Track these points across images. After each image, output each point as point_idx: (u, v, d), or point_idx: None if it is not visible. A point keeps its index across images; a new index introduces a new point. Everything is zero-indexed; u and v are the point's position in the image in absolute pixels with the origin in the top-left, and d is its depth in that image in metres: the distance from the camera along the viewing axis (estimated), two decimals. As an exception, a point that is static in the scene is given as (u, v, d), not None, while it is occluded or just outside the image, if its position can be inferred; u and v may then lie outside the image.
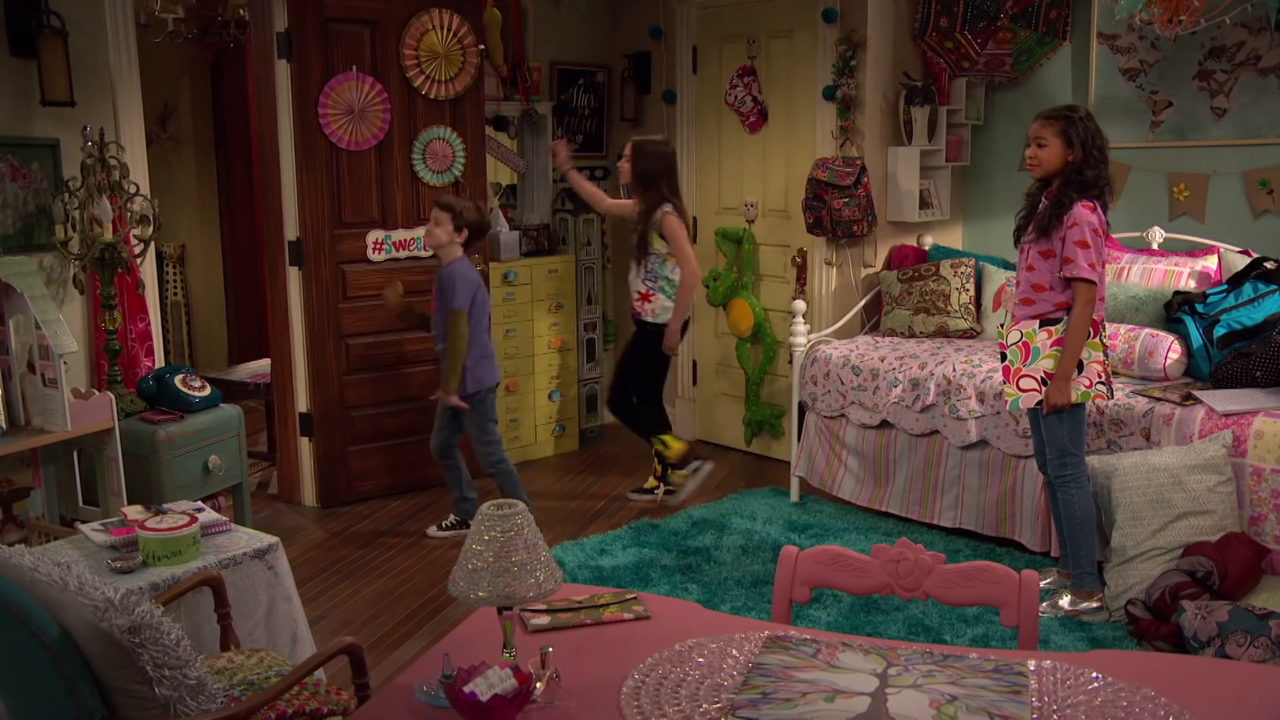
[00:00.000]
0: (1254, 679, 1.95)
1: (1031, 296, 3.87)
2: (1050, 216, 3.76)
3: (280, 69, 4.79)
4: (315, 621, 4.02)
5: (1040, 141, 3.78)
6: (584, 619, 2.13)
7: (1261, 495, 3.93)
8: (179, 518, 3.09)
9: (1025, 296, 3.90)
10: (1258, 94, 4.84)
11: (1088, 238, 3.73)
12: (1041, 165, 3.80)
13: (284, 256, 5.00)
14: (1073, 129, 3.73)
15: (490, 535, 1.82)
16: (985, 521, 4.63)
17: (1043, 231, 3.78)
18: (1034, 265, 3.84)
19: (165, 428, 3.97)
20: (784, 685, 1.79)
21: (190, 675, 2.17)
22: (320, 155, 4.93)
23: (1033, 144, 3.81)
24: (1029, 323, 3.88)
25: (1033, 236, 3.84)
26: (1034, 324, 3.87)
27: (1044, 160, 3.79)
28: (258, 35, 4.86)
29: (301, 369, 5.10)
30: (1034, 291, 3.86)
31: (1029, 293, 3.89)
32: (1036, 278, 3.85)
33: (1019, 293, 3.94)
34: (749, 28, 5.87)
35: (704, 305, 6.27)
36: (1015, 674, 1.84)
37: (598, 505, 5.38)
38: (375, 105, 5.06)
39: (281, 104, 4.81)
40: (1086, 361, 3.84)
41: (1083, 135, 3.73)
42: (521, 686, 1.78)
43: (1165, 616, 3.73)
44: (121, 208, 3.93)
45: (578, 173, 5.60)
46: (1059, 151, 3.75)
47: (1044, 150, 3.77)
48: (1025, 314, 3.89)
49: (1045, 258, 3.81)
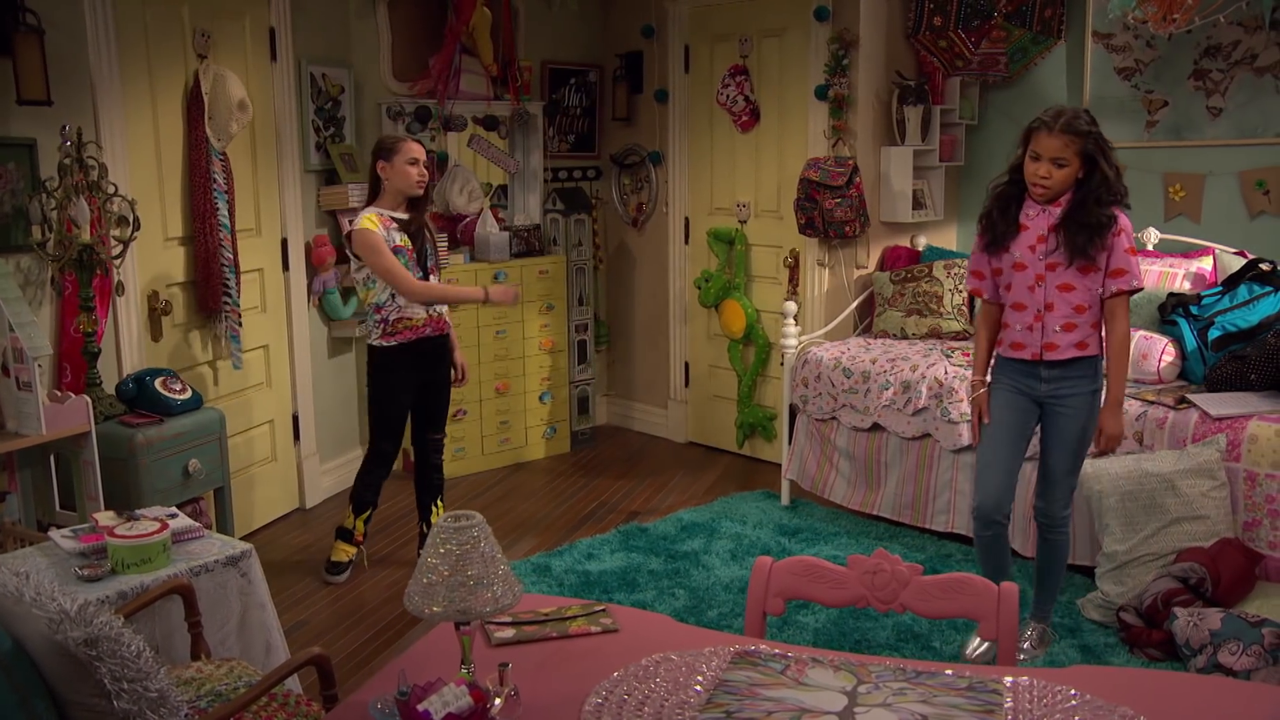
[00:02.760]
0: (1234, 695, 1.90)
1: (1074, 320, 3.44)
2: (1092, 236, 3.33)
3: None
4: (297, 628, 3.98)
5: (1061, 161, 3.32)
6: (549, 632, 2.08)
7: (1256, 500, 3.87)
8: (150, 524, 3.03)
9: (1068, 321, 3.44)
10: (1254, 93, 4.78)
11: (1133, 244, 3.43)
12: (1054, 188, 3.37)
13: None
14: (1095, 145, 3.33)
15: (446, 549, 1.77)
16: (977, 526, 4.56)
17: (1081, 251, 3.35)
18: (1073, 284, 3.40)
19: (144, 431, 3.91)
20: (749, 704, 1.74)
21: (151, 688, 2.12)
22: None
23: (1047, 162, 3.34)
24: (1073, 350, 3.46)
25: (1063, 256, 3.39)
26: (1081, 354, 3.47)
27: (1060, 182, 3.36)
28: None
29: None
30: (1076, 314, 3.43)
31: (1071, 316, 3.43)
32: (1078, 298, 3.42)
33: (1054, 318, 3.44)
34: (741, 26, 5.81)
35: (696, 307, 6.22)
36: (990, 692, 1.78)
37: (587, 508, 5.33)
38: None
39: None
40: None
41: (1105, 149, 3.35)
42: (477, 704, 1.72)
43: (1157, 623, 3.68)
44: (100, 208, 3.88)
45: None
46: (1075, 171, 3.35)
47: (1063, 171, 3.34)
48: (1069, 342, 3.45)
49: (1085, 273, 3.40)
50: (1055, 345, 3.46)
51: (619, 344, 6.83)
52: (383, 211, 4.24)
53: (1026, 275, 3.47)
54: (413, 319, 4.28)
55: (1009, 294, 3.53)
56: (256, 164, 4.94)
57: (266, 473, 5.13)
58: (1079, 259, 3.37)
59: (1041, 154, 3.34)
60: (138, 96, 4.30)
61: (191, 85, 4.52)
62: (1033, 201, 3.45)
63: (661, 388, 6.58)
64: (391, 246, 4.18)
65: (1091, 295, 3.42)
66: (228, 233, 4.62)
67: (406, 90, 5.66)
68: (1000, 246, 3.51)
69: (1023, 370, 3.54)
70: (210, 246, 4.56)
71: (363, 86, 5.53)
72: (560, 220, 6.25)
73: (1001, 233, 3.50)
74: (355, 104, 5.47)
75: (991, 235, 3.54)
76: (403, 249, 4.22)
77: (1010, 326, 3.55)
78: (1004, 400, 3.59)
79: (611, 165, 6.60)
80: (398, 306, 4.25)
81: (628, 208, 6.58)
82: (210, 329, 4.73)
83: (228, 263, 4.62)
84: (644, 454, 6.27)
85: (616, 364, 6.87)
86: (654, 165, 6.35)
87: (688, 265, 6.29)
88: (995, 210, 3.54)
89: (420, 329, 4.31)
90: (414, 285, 4.21)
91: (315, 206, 5.34)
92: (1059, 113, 3.34)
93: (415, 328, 4.29)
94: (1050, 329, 3.45)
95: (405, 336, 4.28)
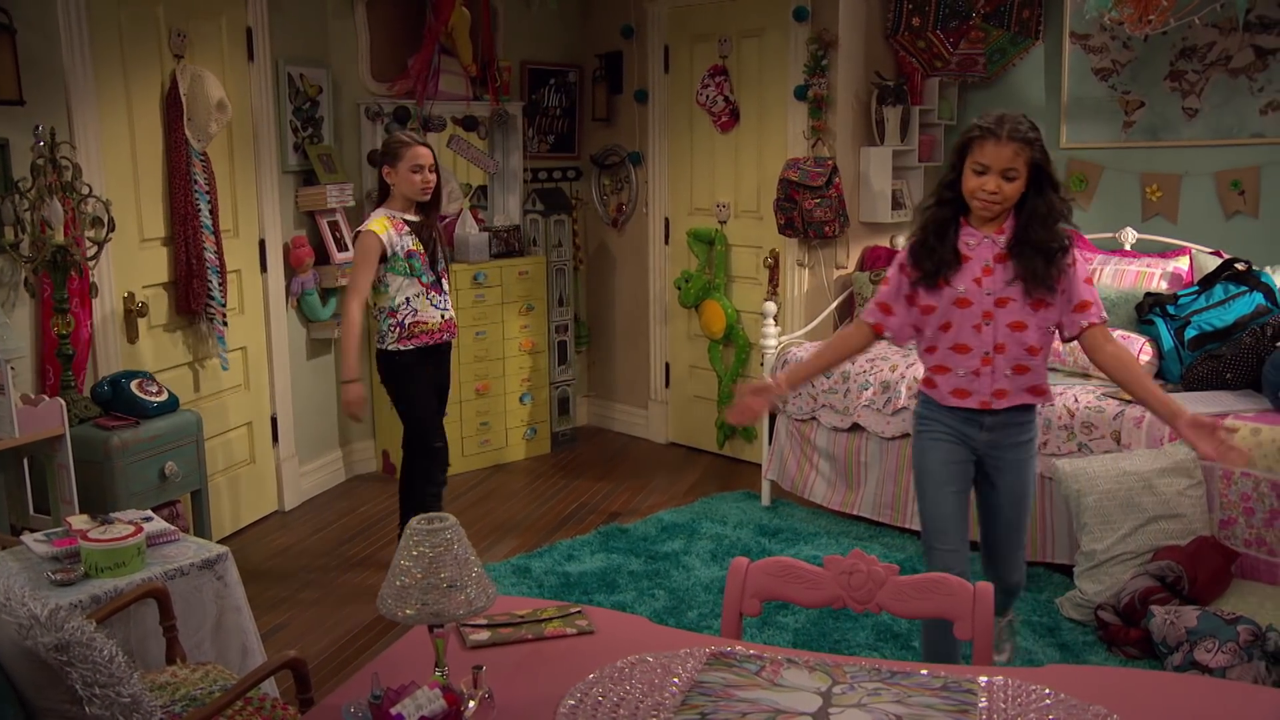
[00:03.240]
0: (1208, 693, 1.90)
1: (1027, 363, 3.02)
2: (1049, 261, 2.92)
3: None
4: (275, 631, 3.96)
5: (1011, 173, 2.87)
6: (525, 634, 2.07)
7: (1231, 499, 3.89)
8: (124, 528, 3.01)
9: (1019, 364, 3.01)
10: (1229, 94, 4.81)
11: (1088, 271, 3.04)
12: (1005, 205, 2.92)
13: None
14: (1042, 154, 2.91)
15: (419, 551, 1.76)
16: (956, 526, 4.57)
17: (1041, 280, 2.92)
18: (1025, 321, 2.97)
19: (119, 434, 3.88)
20: (724, 705, 1.74)
21: (124, 693, 2.10)
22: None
23: (995, 175, 2.87)
24: (1025, 396, 3.07)
25: (1018, 289, 2.96)
26: (1035, 401, 3.10)
27: (1011, 198, 2.91)
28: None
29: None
30: (1029, 356, 3.01)
31: (1024, 358, 3.01)
32: (1031, 337, 2.99)
33: (1006, 360, 3.01)
34: (720, 27, 5.81)
35: (676, 307, 6.21)
36: (964, 691, 1.78)
37: (568, 509, 5.32)
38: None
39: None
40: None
41: (1048, 158, 2.94)
42: (451, 708, 1.72)
43: (1135, 622, 3.69)
44: (74, 209, 3.85)
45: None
46: (1023, 184, 2.90)
47: (1013, 185, 2.88)
48: (1020, 386, 3.05)
49: (1038, 309, 2.97)
50: (1006, 392, 3.04)
51: (599, 345, 6.82)
52: (394, 214, 4.15)
53: (971, 313, 3.00)
54: (428, 323, 4.20)
55: (945, 334, 3.05)
56: (234, 165, 4.92)
57: (245, 475, 5.10)
58: (1038, 289, 2.94)
59: (989, 166, 2.87)
60: (113, 97, 4.27)
61: (169, 86, 4.49)
62: (970, 227, 3.00)
63: (642, 388, 6.58)
64: (405, 251, 4.10)
65: (1044, 334, 3.01)
66: (210, 233, 4.59)
67: (385, 90, 5.64)
68: (939, 281, 3.02)
69: (963, 418, 3.10)
70: (194, 247, 4.53)
71: (341, 87, 5.51)
72: (540, 221, 6.24)
73: (942, 264, 3.00)
74: (333, 104, 5.45)
75: (929, 268, 3.02)
76: (416, 253, 4.14)
77: (950, 371, 3.08)
78: (946, 454, 3.14)
79: (591, 166, 6.60)
80: (413, 310, 4.16)
81: (608, 208, 6.58)
82: (188, 330, 4.70)
83: (211, 264, 4.60)
84: (624, 455, 6.27)
85: (597, 365, 6.86)
86: (634, 166, 6.34)
87: (668, 266, 6.29)
88: (932, 238, 3.02)
89: (436, 334, 4.24)
90: (354, 306, 4.06)
91: (293, 207, 5.32)
92: (1001, 118, 2.89)
93: (431, 332, 4.22)
94: (1001, 373, 3.01)
95: (421, 340, 4.20)
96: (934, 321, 3.05)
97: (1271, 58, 4.68)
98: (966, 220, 2.99)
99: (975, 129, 2.89)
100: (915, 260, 3.04)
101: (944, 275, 2.99)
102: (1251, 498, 3.85)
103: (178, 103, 4.46)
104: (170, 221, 4.56)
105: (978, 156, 2.88)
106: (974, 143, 2.89)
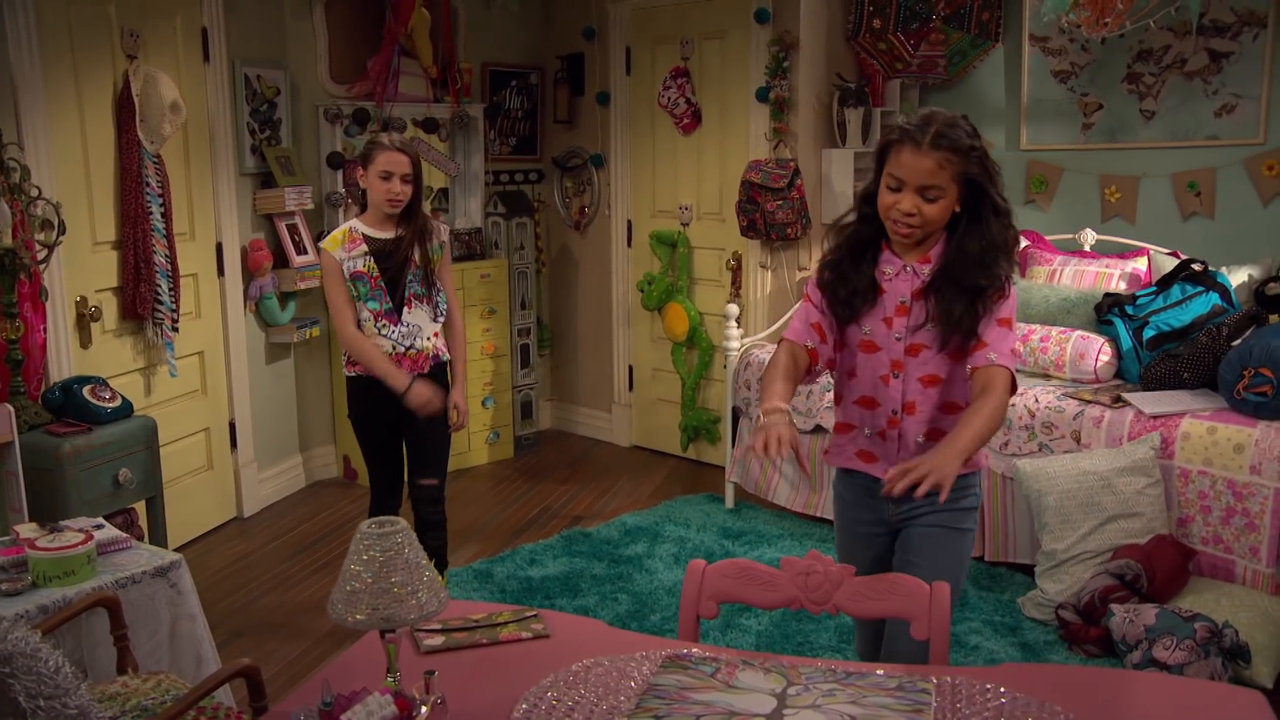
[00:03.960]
0: (1162, 690, 1.90)
1: (943, 425, 2.40)
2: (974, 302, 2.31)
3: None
4: (231, 639, 3.90)
5: (932, 191, 2.26)
6: (480, 639, 2.04)
7: (1189, 497, 3.92)
8: (74, 535, 2.95)
9: (935, 427, 2.42)
10: (1184, 97, 4.85)
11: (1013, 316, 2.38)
12: (926, 227, 2.31)
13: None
14: (980, 168, 2.29)
15: (369, 555, 1.73)
16: (918, 526, 4.57)
17: (958, 324, 2.32)
18: (940, 374, 2.40)
19: (71, 440, 3.81)
20: (678, 707, 1.72)
21: (70, 704, 2.06)
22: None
23: (912, 192, 2.27)
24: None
25: (931, 334, 2.37)
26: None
27: (932, 221, 2.30)
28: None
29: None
30: (945, 415, 2.42)
31: (940, 419, 2.42)
32: (951, 393, 2.42)
33: (917, 423, 2.43)
34: (682, 29, 5.80)
35: (639, 310, 6.20)
36: (919, 691, 1.77)
37: (530, 513, 5.28)
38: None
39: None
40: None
41: (992, 172, 2.32)
42: (402, 713, 1.69)
43: (1095, 620, 3.71)
44: (23, 211, 3.78)
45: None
46: (952, 204, 2.30)
47: (936, 206, 2.28)
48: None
49: (956, 361, 2.39)
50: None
51: (562, 348, 6.79)
52: (357, 228, 3.68)
53: (878, 361, 2.43)
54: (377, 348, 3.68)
55: (850, 383, 2.50)
56: (190, 167, 4.85)
57: (202, 482, 5.03)
58: (955, 336, 2.34)
59: (905, 180, 2.27)
60: (63, 97, 4.20)
61: (121, 86, 4.42)
62: (890, 252, 2.40)
63: (605, 392, 6.56)
64: (350, 271, 3.62)
65: (963, 385, 2.40)
66: (162, 237, 4.52)
67: (344, 92, 5.59)
68: (850, 316, 2.44)
69: (870, 488, 2.47)
70: (143, 251, 4.46)
71: (299, 88, 5.45)
72: (502, 224, 6.20)
73: (855, 295, 2.41)
74: (291, 106, 5.39)
75: (841, 295, 2.43)
76: (364, 276, 3.63)
77: (854, 428, 2.52)
78: (853, 537, 2.58)
79: (553, 168, 6.57)
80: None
81: (570, 211, 6.55)
82: (140, 336, 4.63)
83: (162, 268, 4.53)
84: (588, 459, 6.24)
85: (560, 368, 6.83)
86: (596, 168, 6.32)
87: (630, 268, 6.27)
88: (846, 261, 2.43)
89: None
90: (345, 331, 3.66)
91: (251, 210, 5.26)
92: (927, 119, 2.28)
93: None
94: (912, 439, 2.43)
95: (364, 369, 3.71)
96: (842, 364, 2.51)
97: (1225, 61, 4.73)
98: (888, 244, 2.41)
99: (895, 130, 2.32)
100: (824, 288, 2.46)
101: (856, 310, 2.42)
102: (1208, 496, 3.88)
103: (130, 103, 4.39)
104: (120, 224, 4.48)
105: (892, 167, 2.30)
106: (893, 147, 2.31)
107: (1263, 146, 4.69)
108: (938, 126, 2.24)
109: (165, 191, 4.55)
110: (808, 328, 2.47)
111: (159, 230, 4.50)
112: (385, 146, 3.61)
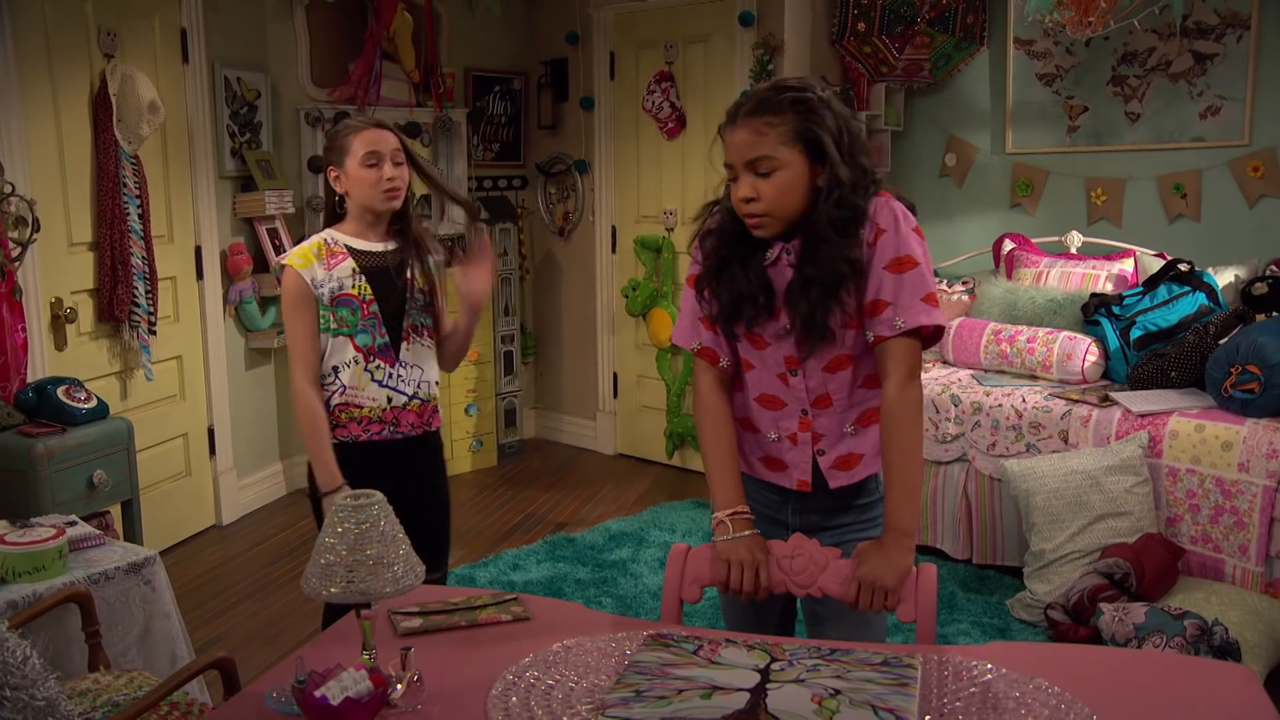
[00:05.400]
0: (1147, 667, 1.86)
1: (871, 403, 2.11)
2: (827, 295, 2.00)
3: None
4: (210, 643, 3.83)
5: (764, 164, 1.95)
6: (459, 621, 1.99)
7: (1177, 495, 3.89)
8: (45, 531, 2.89)
9: (863, 409, 2.12)
10: (1169, 99, 4.85)
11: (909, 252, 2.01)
12: (775, 210, 1.98)
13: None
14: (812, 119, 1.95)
15: (344, 528, 1.68)
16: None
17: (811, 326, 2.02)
18: (847, 353, 2.07)
19: (45, 441, 3.74)
20: (659, 683, 1.67)
21: (39, 696, 2.00)
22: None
23: (743, 173, 1.98)
24: (876, 464, 2.15)
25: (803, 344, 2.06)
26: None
27: (779, 202, 1.97)
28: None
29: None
30: (869, 391, 2.11)
31: (864, 397, 2.11)
32: (867, 365, 2.09)
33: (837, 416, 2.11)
34: (666, 33, 5.79)
35: (624, 316, 6.15)
36: (904, 666, 1.73)
37: (514, 520, 5.22)
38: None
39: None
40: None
41: (833, 123, 1.97)
42: (378, 689, 1.64)
43: (1084, 620, 3.67)
44: (-3, 208, 3.73)
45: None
46: (800, 176, 1.97)
47: (773, 181, 1.96)
48: (870, 447, 2.14)
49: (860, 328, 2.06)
50: (853, 460, 2.13)
51: (546, 355, 6.74)
52: (336, 239, 2.75)
53: (772, 356, 2.11)
54: (362, 407, 2.74)
55: (748, 376, 2.17)
56: (169, 169, 4.80)
57: (180, 488, 4.96)
58: (814, 341, 2.03)
59: (733, 163, 2.00)
60: (38, 95, 4.14)
61: (98, 85, 4.37)
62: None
63: (590, 399, 6.51)
64: (331, 295, 2.69)
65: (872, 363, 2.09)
66: (139, 239, 4.47)
67: (326, 96, 5.55)
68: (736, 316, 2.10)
69: (777, 500, 2.22)
70: (119, 253, 4.40)
71: (280, 91, 5.41)
72: (485, 230, 6.16)
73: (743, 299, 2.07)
74: (272, 109, 5.35)
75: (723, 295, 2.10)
76: (351, 299, 2.70)
77: (759, 433, 2.19)
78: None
79: (537, 174, 6.54)
80: (341, 385, 2.72)
81: (554, 217, 6.52)
82: (116, 339, 4.56)
83: (139, 270, 4.47)
84: (572, 466, 6.19)
85: (544, 375, 6.78)
86: (580, 173, 6.29)
87: (615, 274, 6.24)
88: (725, 249, 2.09)
89: (375, 425, 2.76)
90: (298, 386, 2.68)
91: (231, 214, 5.20)
92: (752, 94, 2.01)
93: (365, 421, 2.75)
94: (836, 434, 2.12)
95: (352, 432, 2.74)
96: (737, 354, 2.17)
97: (1209, 63, 4.73)
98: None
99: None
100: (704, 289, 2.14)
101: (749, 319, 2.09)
102: (1197, 494, 3.85)
103: (107, 103, 4.34)
104: (97, 225, 4.42)
105: (725, 157, 2.03)
106: (721, 137, 2.04)
107: (1247, 148, 4.69)
108: (757, 97, 1.98)
109: (143, 193, 4.50)
110: (696, 324, 2.17)
111: (136, 232, 4.45)
112: (361, 126, 2.72)
